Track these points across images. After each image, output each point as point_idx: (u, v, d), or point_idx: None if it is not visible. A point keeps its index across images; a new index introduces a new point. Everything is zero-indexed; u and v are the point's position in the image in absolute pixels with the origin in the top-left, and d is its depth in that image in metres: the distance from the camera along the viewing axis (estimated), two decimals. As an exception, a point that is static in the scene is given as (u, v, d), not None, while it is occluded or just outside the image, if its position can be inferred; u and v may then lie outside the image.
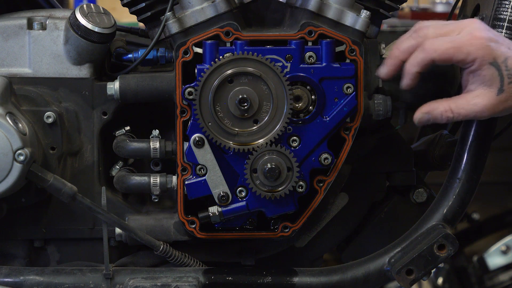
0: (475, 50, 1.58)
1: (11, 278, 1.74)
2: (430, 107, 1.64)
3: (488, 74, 1.58)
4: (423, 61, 1.61)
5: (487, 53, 1.57)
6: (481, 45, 1.58)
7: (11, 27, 1.79)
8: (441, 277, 3.19)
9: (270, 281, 1.77)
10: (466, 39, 1.59)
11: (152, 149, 1.76)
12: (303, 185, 1.72)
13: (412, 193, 1.92)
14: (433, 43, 1.60)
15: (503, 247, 3.13)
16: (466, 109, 1.60)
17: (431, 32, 1.62)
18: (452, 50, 1.59)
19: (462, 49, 1.58)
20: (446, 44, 1.59)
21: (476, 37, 1.58)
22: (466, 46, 1.58)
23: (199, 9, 1.73)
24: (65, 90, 1.79)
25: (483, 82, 1.59)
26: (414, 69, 1.62)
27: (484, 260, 3.14)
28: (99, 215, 1.72)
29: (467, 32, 1.60)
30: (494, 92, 1.58)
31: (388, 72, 1.66)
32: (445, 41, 1.60)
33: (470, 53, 1.58)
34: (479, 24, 1.61)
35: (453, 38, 1.59)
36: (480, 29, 1.60)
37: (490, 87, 1.59)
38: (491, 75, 1.58)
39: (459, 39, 1.59)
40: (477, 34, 1.59)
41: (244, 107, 1.68)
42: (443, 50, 1.59)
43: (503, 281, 3.13)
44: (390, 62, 1.66)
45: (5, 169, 1.65)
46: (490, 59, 1.58)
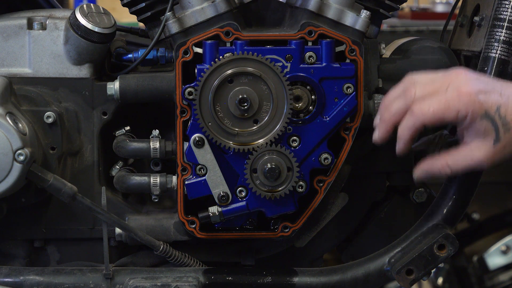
0: (464, 107, 1.53)
1: (11, 278, 1.74)
2: (428, 165, 1.61)
3: (481, 128, 1.54)
4: (414, 126, 1.57)
5: (477, 107, 1.53)
6: (469, 100, 1.53)
7: (11, 27, 1.79)
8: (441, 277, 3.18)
9: (270, 281, 1.77)
10: (453, 96, 1.54)
11: (152, 149, 1.76)
12: (303, 185, 1.73)
13: (412, 193, 1.92)
14: (421, 107, 1.55)
15: (503, 247, 3.13)
16: (463, 164, 1.57)
17: (418, 92, 1.57)
18: (441, 111, 1.54)
19: (451, 108, 1.54)
20: (434, 106, 1.54)
21: (463, 93, 1.54)
22: (454, 104, 1.54)
23: (199, 9, 1.73)
24: (65, 90, 1.79)
25: (477, 135, 1.55)
26: (407, 134, 1.59)
27: (484, 260, 3.13)
28: (99, 215, 1.72)
29: (454, 88, 1.55)
30: (490, 143, 1.55)
31: (382, 137, 1.63)
32: (433, 102, 1.55)
33: (460, 110, 1.53)
34: (465, 76, 1.56)
35: (441, 97, 1.55)
36: (467, 82, 1.55)
37: (485, 139, 1.55)
38: (484, 128, 1.54)
39: (446, 98, 1.54)
40: (464, 89, 1.54)
41: (244, 107, 1.68)
42: (432, 113, 1.55)
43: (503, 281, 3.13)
44: (382, 127, 1.62)
45: (5, 169, 1.65)
46: (481, 112, 1.53)
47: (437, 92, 1.56)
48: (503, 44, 1.72)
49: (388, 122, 1.61)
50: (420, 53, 1.83)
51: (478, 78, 1.57)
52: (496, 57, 1.72)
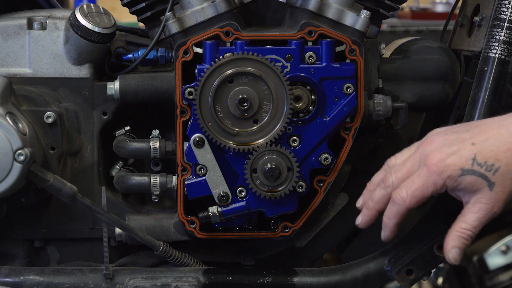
0: (438, 177, 1.52)
1: (11, 278, 1.74)
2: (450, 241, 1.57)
3: (467, 184, 1.52)
4: (398, 213, 1.58)
5: (451, 171, 1.52)
6: (440, 168, 1.52)
7: (11, 27, 1.79)
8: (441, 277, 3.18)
9: (270, 281, 1.77)
10: (425, 173, 1.53)
11: (152, 149, 1.76)
12: (303, 185, 1.73)
13: (412, 193, 1.91)
14: (400, 194, 1.56)
15: (503, 247, 3.13)
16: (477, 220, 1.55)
17: (394, 179, 1.58)
18: (418, 191, 1.54)
19: (427, 184, 1.53)
20: (411, 189, 1.55)
21: (432, 165, 1.53)
22: (428, 179, 1.53)
23: (199, 9, 1.73)
24: (65, 90, 1.79)
25: (470, 192, 1.53)
26: (392, 223, 1.60)
27: (484, 260, 3.13)
28: (99, 215, 1.72)
29: (423, 163, 1.54)
30: (487, 191, 1.52)
31: (366, 222, 1.64)
32: (409, 186, 1.55)
33: (436, 182, 1.53)
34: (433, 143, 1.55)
35: (414, 178, 1.55)
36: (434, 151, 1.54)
37: (480, 191, 1.53)
38: (470, 183, 1.52)
39: (419, 177, 1.54)
40: (432, 160, 1.53)
41: (244, 107, 1.68)
42: (411, 196, 1.55)
43: (503, 281, 3.13)
44: (366, 213, 1.63)
45: (5, 169, 1.65)
46: (458, 172, 1.52)
47: (410, 173, 1.56)
48: (503, 44, 1.72)
49: (372, 210, 1.63)
50: (420, 53, 1.83)
51: (445, 140, 1.55)
52: (496, 57, 1.72)
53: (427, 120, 2.20)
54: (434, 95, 1.83)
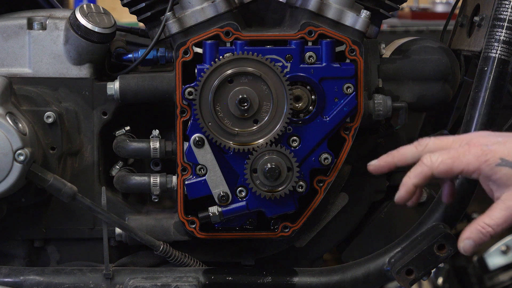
0: (474, 158, 1.49)
1: (11, 278, 1.74)
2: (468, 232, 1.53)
3: (502, 176, 1.48)
4: (421, 174, 1.53)
5: (490, 156, 1.49)
6: (480, 151, 1.49)
7: (11, 27, 1.79)
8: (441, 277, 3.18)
9: (270, 281, 1.77)
10: (464, 149, 1.51)
11: (152, 149, 1.76)
12: (303, 185, 1.73)
13: (412, 193, 1.91)
14: (431, 156, 1.52)
15: (503, 247, 3.13)
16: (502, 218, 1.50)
17: (431, 142, 1.56)
18: (449, 161, 1.50)
19: (461, 159, 1.50)
20: (443, 156, 1.51)
21: (474, 145, 1.50)
22: (464, 156, 1.50)
23: (199, 9, 1.73)
24: (65, 90, 1.80)
25: (503, 185, 1.49)
26: (412, 181, 1.54)
27: (484, 260, 3.13)
28: (99, 215, 1.72)
29: (466, 142, 1.52)
30: None
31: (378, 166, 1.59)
32: (443, 153, 1.52)
33: (470, 162, 1.50)
34: (481, 134, 1.54)
35: (452, 151, 1.52)
36: (481, 136, 1.52)
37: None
38: (506, 175, 1.48)
39: (456, 150, 1.51)
40: (476, 141, 1.51)
41: (244, 107, 1.68)
42: (440, 162, 1.51)
43: (503, 281, 3.12)
44: (384, 159, 1.59)
45: (5, 169, 1.65)
46: (496, 160, 1.48)
47: (449, 147, 1.54)
48: (503, 44, 1.72)
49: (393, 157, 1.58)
50: (420, 53, 1.83)
51: (495, 134, 1.53)
52: (496, 57, 1.72)
53: (427, 120, 2.20)
54: (434, 95, 1.83)
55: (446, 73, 1.82)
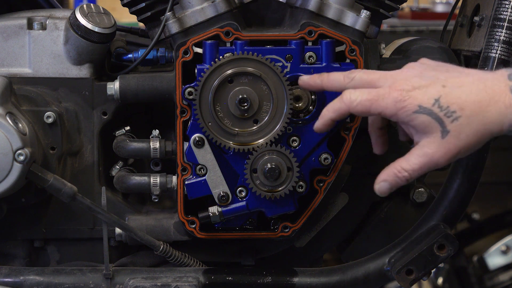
0: (392, 103, 1.49)
1: (11, 278, 1.74)
2: (384, 175, 1.54)
3: (420, 123, 1.48)
4: (339, 110, 1.55)
5: (408, 103, 1.48)
6: (399, 96, 1.48)
7: (11, 27, 1.79)
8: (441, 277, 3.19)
9: (270, 281, 1.77)
10: (385, 91, 1.50)
11: (152, 149, 1.76)
12: (303, 185, 1.73)
13: (412, 193, 1.92)
14: (350, 95, 1.53)
15: (503, 247, 3.13)
16: (418, 164, 1.50)
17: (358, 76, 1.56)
18: (368, 103, 1.51)
19: (379, 103, 1.50)
20: (363, 96, 1.51)
21: (395, 89, 1.49)
22: (383, 99, 1.50)
23: (199, 9, 1.73)
24: (65, 90, 1.80)
25: (421, 132, 1.49)
26: (329, 115, 1.57)
27: (484, 260, 3.14)
28: (99, 215, 1.72)
29: (389, 84, 1.51)
30: (438, 138, 1.47)
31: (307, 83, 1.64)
32: (364, 92, 1.52)
33: (388, 107, 1.49)
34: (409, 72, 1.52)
35: (372, 91, 1.51)
36: (405, 79, 1.50)
37: (432, 134, 1.47)
38: (423, 123, 1.48)
39: (376, 92, 1.51)
40: (398, 86, 1.50)
41: (244, 107, 1.68)
42: (358, 102, 1.52)
43: (503, 281, 3.13)
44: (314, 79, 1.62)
45: (5, 169, 1.65)
46: (414, 108, 1.47)
47: (374, 84, 1.53)
48: (503, 44, 1.72)
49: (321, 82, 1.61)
50: (420, 53, 1.83)
51: (420, 74, 1.51)
52: (496, 57, 1.72)
53: (427, 120, 2.19)
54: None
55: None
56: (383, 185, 1.54)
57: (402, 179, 1.52)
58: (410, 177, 1.51)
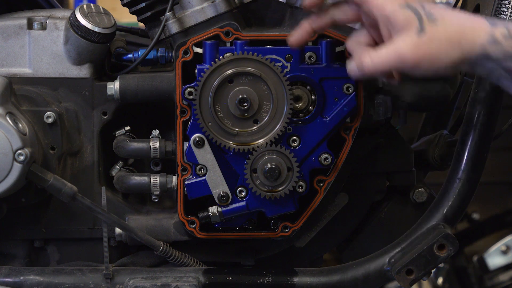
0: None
1: (11, 278, 1.74)
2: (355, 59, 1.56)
3: (402, 17, 1.50)
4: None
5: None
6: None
7: (11, 27, 1.79)
8: (441, 277, 3.18)
9: (270, 281, 1.77)
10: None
11: (152, 149, 1.76)
12: (303, 185, 1.72)
13: (412, 193, 1.92)
14: None
15: (503, 247, 3.13)
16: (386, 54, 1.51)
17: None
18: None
19: None
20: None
21: None
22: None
23: (199, 9, 1.73)
24: (65, 90, 1.80)
25: (399, 27, 1.50)
26: None
27: (484, 260, 3.13)
28: (99, 215, 1.72)
29: None
30: (414, 34, 1.49)
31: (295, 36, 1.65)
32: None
33: None
34: None
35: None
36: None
37: (409, 30, 1.49)
38: (406, 17, 1.50)
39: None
40: None
41: (244, 107, 1.68)
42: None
43: (503, 281, 3.13)
44: None
45: (5, 169, 1.65)
46: (401, 2, 1.51)
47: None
48: (503, 44, 1.72)
49: None
50: (420, 53, 1.83)
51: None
52: (496, 57, 1.72)
53: (427, 120, 2.20)
54: (434, 95, 1.83)
55: (446, 74, 1.82)
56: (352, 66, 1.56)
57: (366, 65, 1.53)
58: (374, 65, 1.53)
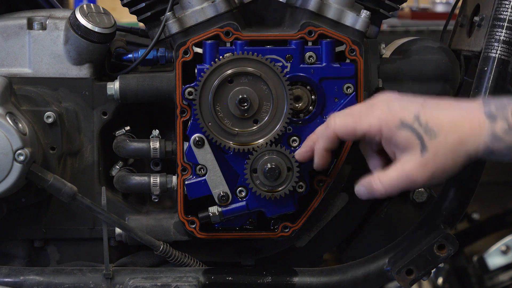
0: (375, 120, 1.52)
1: (11, 278, 1.74)
2: (364, 179, 1.57)
3: (401, 139, 1.50)
4: (326, 136, 1.57)
5: (390, 119, 1.51)
6: (381, 113, 1.52)
7: (11, 27, 1.79)
8: (441, 277, 3.19)
9: (270, 281, 1.77)
10: (367, 111, 1.53)
11: (152, 149, 1.76)
12: (303, 185, 1.73)
13: (412, 193, 1.92)
14: (334, 117, 1.56)
15: (503, 247, 3.13)
16: (396, 178, 1.51)
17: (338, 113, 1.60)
18: (352, 123, 1.54)
19: (363, 121, 1.53)
20: (347, 118, 1.55)
21: (376, 107, 1.53)
22: (367, 117, 1.53)
23: (199, 9, 1.73)
24: (65, 90, 1.80)
25: (402, 148, 1.51)
26: (319, 145, 1.59)
27: (484, 260, 3.13)
28: (99, 215, 1.72)
29: (369, 105, 1.55)
30: (417, 154, 1.49)
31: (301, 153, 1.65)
32: (347, 114, 1.56)
33: (372, 124, 1.52)
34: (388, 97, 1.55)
35: (355, 113, 1.55)
36: (385, 100, 1.54)
37: (412, 150, 1.49)
38: (405, 138, 1.50)
39: (359, 113, 1.54)
40: (378, 105, 1.54)
41: (244, 107, 1.68)
42: (343, 124, 1.54)
43: (503, 281, 3.13)
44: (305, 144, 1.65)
45: (5, 169, 1.65)
46: (396, 122, 1.50)
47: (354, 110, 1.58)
48: (503, 44, 1.72)
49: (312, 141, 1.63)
50: (420, 53, 1.83)
51: (399, 96, 1.55)
52: (496, 57, 1.72)
53: (427, 120, 2.19)
54: (434, 95, 1.83)
55: (446, 73, 1.82)
56: (360, 189, 1.58)
57: (377, 190, 1.54)
58: (385, 190, 1.53)
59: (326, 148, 1.59)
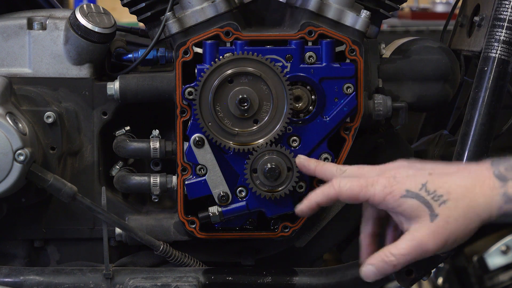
0: (380, 189, 1.49)
1: (11, 278, 1.74)
2: (372, 258, 1.51)
3: (408, 208, 1.47)
4: (328, 195, 1.53)
5: (395, 188, 1.48)
6: (387, 182, 1.49)
7: (11, 27, 1.79)
8: (441, 277, 3.18)
9: (270, 281, 1.77)
10: (373, 179, 1.50)
11: (152, 149, 1.76)
12: (303, 185, 1.72)
13: (412, 193, 1.91)
14: (340, 182, 1.53)
15: (503, 247, 3.13)
16: (407, 248, 1.47)
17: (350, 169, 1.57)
18: (357, 189, 1.50)
19: (368, 189, 1.50)
20: (353, 183, 1.51)
21: (383, 177, 1.50)
22: (372, 185, 1.50)
23: (199, 9, 1.73)
24: (65, 90, 1.80)
25: (409, 217, 1.48)
26: (317, 198, 1.55)
27: (484, 260, 3.13)
28: (99, 215, 1.72)
29: (379, 173, 1.52)
30: (427, 222, 1.45)
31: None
32: (353, 180, 1.52)
33: (376, 193, 1.49)
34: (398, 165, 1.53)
35: (361, 179, 1.52)
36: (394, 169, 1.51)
37: (420, 218, 1.46)
38: (412, 207, 1.47)
39: (365, 180, 1.51)
40: (388, 173, 1.51)
41: (244, 107, 1.68)
42: (348, 188, 1.51)
43: (503, 281, 3.13)
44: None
45: (5, 169, 1.65)
46: (401, 192, 1.47)
47: (362, 175, 1.54)
48: (503, 44, 1.72)
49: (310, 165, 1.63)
50: (420, 53, 1.83)
51: (408, 164, 1.52)
52: (496, 57, 1.72)
53: (427, 120, 2.20)
54: (434, 95, 1.83)
55: (446, 73, 1.82)
56: (369, 269, 1.50)
57: (389, 264, 1.49)
58: (398, 262, 1.48)
59: (320, 203, 1.55)
